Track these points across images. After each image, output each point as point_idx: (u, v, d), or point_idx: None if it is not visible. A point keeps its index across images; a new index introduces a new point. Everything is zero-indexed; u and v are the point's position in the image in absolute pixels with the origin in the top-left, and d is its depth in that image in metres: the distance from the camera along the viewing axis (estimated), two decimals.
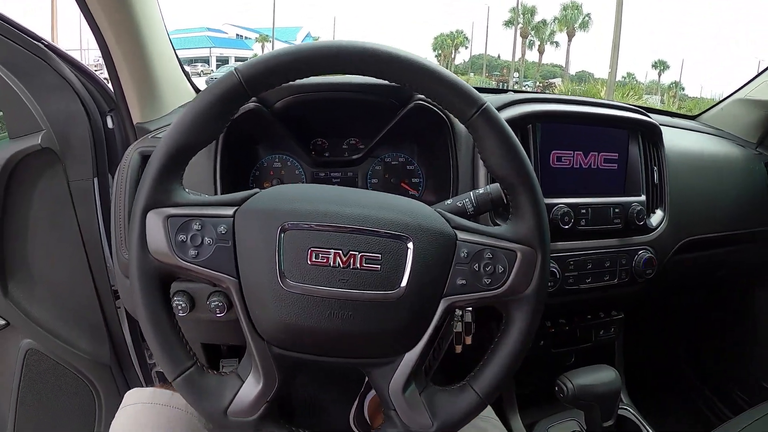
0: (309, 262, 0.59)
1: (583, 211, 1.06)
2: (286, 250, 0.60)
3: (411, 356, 0.63)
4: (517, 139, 0.65)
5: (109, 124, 1.17)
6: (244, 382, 0.62)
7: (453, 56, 65.94)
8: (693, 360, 1.95)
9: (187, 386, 0.61)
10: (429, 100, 0.95)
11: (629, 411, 1.28)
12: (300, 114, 1.02)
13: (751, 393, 1.76)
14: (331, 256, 0.59)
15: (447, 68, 0.65)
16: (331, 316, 0.59)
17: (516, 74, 43.27)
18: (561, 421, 1.26)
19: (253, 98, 0.89)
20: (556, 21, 49.81)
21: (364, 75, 0.63)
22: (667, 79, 57.03)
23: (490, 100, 0.80)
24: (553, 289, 1.00)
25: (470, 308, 0.81)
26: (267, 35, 53.12)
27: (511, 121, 1.01)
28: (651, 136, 1.21)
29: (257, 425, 0.62)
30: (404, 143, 1.11)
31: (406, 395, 0.63)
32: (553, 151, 1.10)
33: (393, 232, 0.61)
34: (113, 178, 1.14)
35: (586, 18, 47.55)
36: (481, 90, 1.28)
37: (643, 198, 1.16)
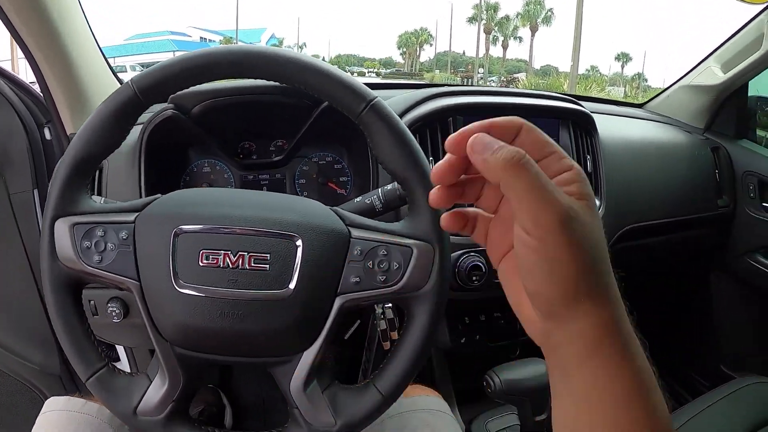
0: (200, 264, 0.61)
1: None
2: (179, 253, 0.62)
3: (309, 354, 0.64)
4: (409, 133, 0.65)
5: (47, 136, 1.17)
6: (152, 382, 0.65)
7: (418, 54, 66.34)
8: (650, 346, 1.96)
9: (99, 386, 0.64)
10: None
11: None
12: (221, 118, 1.01)
13: (710, 377, 1.78)
14: (221, 257, 0.61)
15: (412, 66, 0.65)
16: (223, 315, 0.60)
17: (481, 70, 43.64)
18: (501, 415, 1.26)
19: (171, 105, 0.93)
20: (519, 16, 50.22)
21: (254, 78, 0.64)
22: (630, 70, 58.17)
23: (413, 95, 0.79)
24: (480, 283, 0.98)
25: (389, 305, 0.83)
26: (231, 37, 52.74)
27: (431, 115, 1.00)
28: (583, 124, 1.20)
29: (165, 424, 0.64)
30: (331, 142, 1.10)
31: (307, 393, 0.64)
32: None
33: (281, 231, 0.62)
34: None
35: (549, 13, 48.04)
36: (433, 85, 1.28)
37: None
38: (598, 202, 1.17)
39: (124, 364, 1.25)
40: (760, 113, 1.71)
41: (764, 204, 1.55)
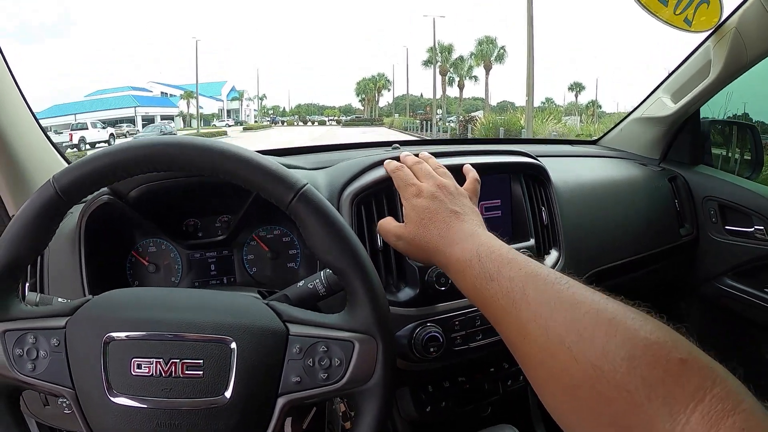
0: (132, 373, 0.58)
1: None
2: (111, 361, 0.58)
3: None
4: (342, 222, 0.63)
5: None
6: None
7: (376, 99, 67.42)
8: None
9: None
10: None
11: None
12: (160, 200, 0.98)
13: None
14: (153, 366, 0.57)
15: (371, 111, 0.61)
16: (160, 425, 0.57)
17: (439, 111, 44.42)
18: None
19: (106, 190, 0.91)
20: (473, 56, 51.48)
21: (178, 171, 0.64)
22: (584, 99, 60.12)
23: (358, 162, 0.77)
24: (438, 354, 0.93)
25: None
26: (192, 91, 52.89)
27: (377, 183, 0.96)
28: (536, 176, 1.17)
29: None
30: (277, 215, 1.05)
31: None
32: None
33: (214, 335, 0.59)
34: None
35: (501, 50, 49.29)
36: (374, 145, 1.26)
37: (532, 242, 1.10)
38: (556, 253, 1.14)
39: None
40: (713, 132, 1.73)
41: (727, 227, 1.55)
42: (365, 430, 0.62)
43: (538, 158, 1.20)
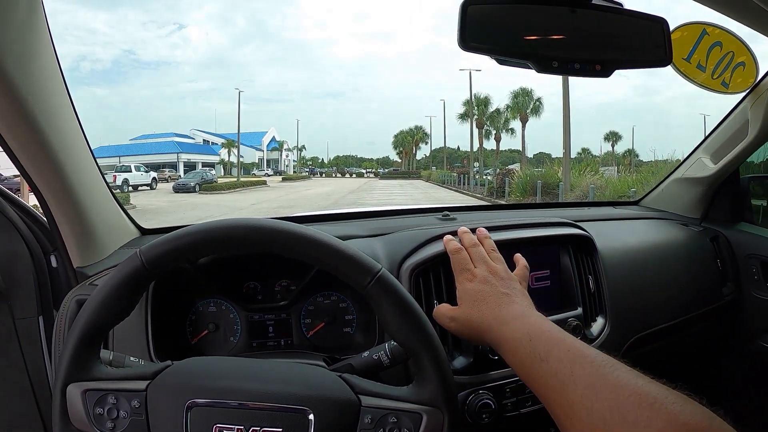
0: None
1: None
2: (194, 427, 0.62)
3: None
4: (414, 304, 0.68)
5: (53, 263, 1.17)
6: None
7: (414, 152, 68.06)
8: None
9: None
10: None
11: None
12: (226, 265, 1.04)
13: None
14: None
15: (408, 164, 0.67)
16: None
17: (476, 164, 44.49)
18: None
19: None
20: (509, 108, 51.46)
21: (259, 252, 0.69)
22: (621, 148, 59.50)
23: (417, 235, 0.93)
24: (489, 420, 0.95)
25: None
26: (233, 140, 54.23)
27: (435, 258, 1.00)
28: (583, 246, 1.20)
29: None
30: (334, 281, 1.08)
31: None
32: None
33: (293, 406, 0.63)
34: None
35: (537, 103, 49.07)
36: (444, 210, 1.30)
37: (579, 311, 1.12)
38: (602, 320, 1.15)
39: None
40: (754, 187, 1.72)
41: None
42: None
43: (583, 225, 1.22)
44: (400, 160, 72.02)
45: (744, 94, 1.44)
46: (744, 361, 1.67)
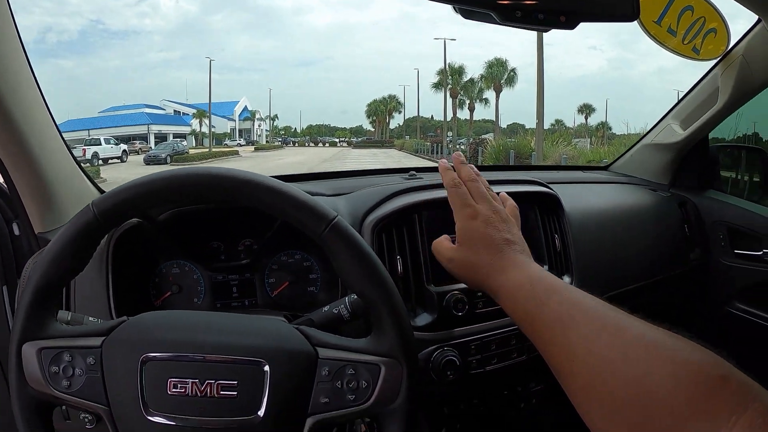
0: (168, 392, 0.60)
1: (480, 294, 0.99)
2: (148, 381, 0.61)
3: None
4: (370, 252, 0.66)
5: (16, 231, 1.13)
6: None
7: (387, 121, 67.58)
8: None
9: None
10: None
11: None
12: (187, 223, 1.02)
13: None
14: (189, 386, 0.60)
15: (382, 133, 0.65)
16: None
17: (450, 133, 44.48)
18: None
19: None
20: (483, 79, 51.34)
21: (212, 201, 0.68)
22: (594, 121, 60.00)
23: (379, 191, 0.89)
24: (455, 377, 0.95)
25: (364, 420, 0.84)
26: (204, 111, 53.33)
27: (397, 212, 1.00)
28: (550, 204, 1.20)
29: None
30: (298, 240, 1.09)
31: None
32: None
33: (248, 357, 0.62)
34: None
35: (512, 73, 49.03)
36: (390, 172, 1.28)
37: (545, 268, 1.09)
38: (568, 279, 1.15)
39: None
40: (722, 157, 1.74)
41: (736, 251, 1.56)
42: None
43: (551, 186, 1.23)
44: (373, 129, 71.44)
45: (715, 61, 1.45)
46: (711, 327, 1.71)
